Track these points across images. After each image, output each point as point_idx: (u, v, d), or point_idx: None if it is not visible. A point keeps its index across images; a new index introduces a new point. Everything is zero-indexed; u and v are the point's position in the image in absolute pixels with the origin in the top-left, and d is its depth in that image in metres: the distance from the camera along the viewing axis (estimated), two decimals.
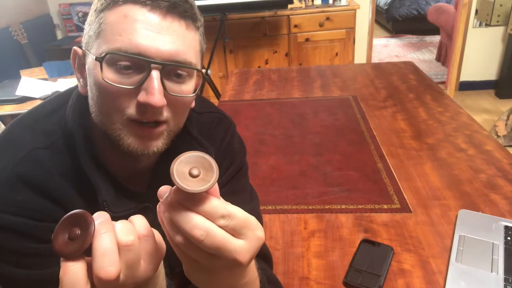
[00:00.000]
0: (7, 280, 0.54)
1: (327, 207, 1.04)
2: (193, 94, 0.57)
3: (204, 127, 0.72)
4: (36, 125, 0.59)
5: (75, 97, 0.61)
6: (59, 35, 3.74)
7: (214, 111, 0.76)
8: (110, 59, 0.52)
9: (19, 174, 0.54)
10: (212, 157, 0.69)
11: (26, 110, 0.63)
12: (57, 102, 0.63)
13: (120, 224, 0.38)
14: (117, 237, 0.37)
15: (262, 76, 2.13)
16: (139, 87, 0.52)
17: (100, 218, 0.37)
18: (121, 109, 0.53)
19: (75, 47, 0.58)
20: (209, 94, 3.23)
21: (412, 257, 0.86)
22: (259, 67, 3.41)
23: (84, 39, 0.57)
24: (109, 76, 0.52)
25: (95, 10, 0.55)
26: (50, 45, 3.45)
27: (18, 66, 2.81)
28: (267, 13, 3.23)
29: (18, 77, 2.51)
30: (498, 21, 3.48)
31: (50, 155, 0.56)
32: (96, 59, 0.52)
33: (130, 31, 0.51)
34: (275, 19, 3.28)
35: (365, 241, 0.90)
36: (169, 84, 0.54)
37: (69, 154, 0.57)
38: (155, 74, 0.51)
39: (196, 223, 0.36)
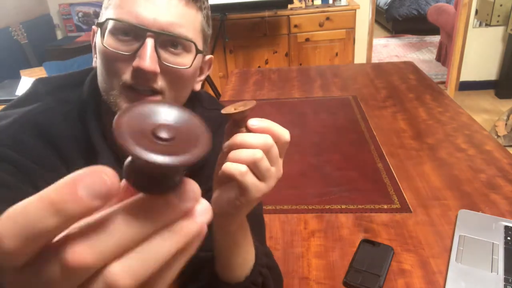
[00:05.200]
0: None
1: (327, 207, 1.04)
2: (188, 67, 0.60)
3: (210, 122, 0.73)
4: (59, 93, 0.64)
5: (93, 74, 0.66)
6: (59, 35, 3.74)
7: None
8: (112, 28, 0.57)
9: (33, 119, 0.58)
10: None
11: (55, 74, 0.70)
12: (80, 77, 0.68)
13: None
14: None
15: (262, 76, 2.13)
16: (134, 54, 0.56)
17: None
18: (118, 74, 0.57)
19: (93, 26, 0.64)
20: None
21: (412, 257, 0.86)
22: (259, 67, 3.41)
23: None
24: (109, 43, 0.57)
25: None
26: (50, 45, 3.44)
27: (18, 66, 2.81)
28: (267, 13, 3.23)
29: (18, 77, 2.51)
30: (498, 21, 3.48)
31: (64, 120, 0.61)
32: (97, 24, 0.58)
33: (132, 3, 0.56)
34: (275, 19, 3.28)
35: (365, 241, 0.90)
36: (164, 55, 0.58)
37: (80, 122, 0.62)
38: (149, 42, 0.55)
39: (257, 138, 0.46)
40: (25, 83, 2.28)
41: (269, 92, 1.89)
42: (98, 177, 0.18)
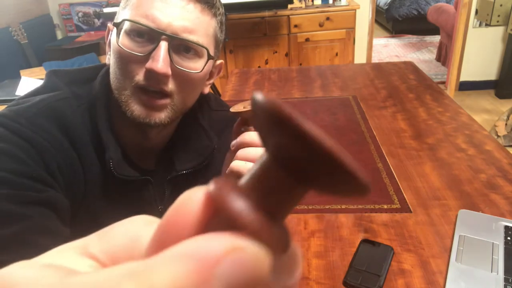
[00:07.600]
0: None
1: (327, 207, 1.04)
2: (199, 71, 0.61)
3: (216, 123, 0.75)
4: (72, 87, 0.66)
5: (104, 71, 0.68)
6: (59, 35, 3.74)
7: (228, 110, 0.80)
8: (128, 29, 0.58)
9: (50, 105, 0.60)
10: (214, 147, 0.73)
11: (67, 68, 0.72)
12: (90, 74, 0.69)
13: None
14: None
15: (262, 76, 2.13)
16: (148, 55, 0.58)
17: None
18: (131, 75, 0.59)
19: (109, 24, 0.65)
20: None
21: (412, 257, 0.86)
22: (259, 67, 3.41)
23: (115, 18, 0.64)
24: (125, 43, 0.59)
25: None
26: (50, 45, 3.44)
27: (18, 66, 2.81)
28: (267, 13, 3.23)
29: (18, 77, 2.51)
30: (498, 21, 3.48)
31: (77, 111, 0.63)
32: (114, 24, 0.60)
33: (149, 6, 0.58)
34: (275, 19, 3.28)
35: (365, 241, 0.90)
36: (176, 58, 0.60)
37: (89, 118, 0.64)
38: (163, 45, 0.57)
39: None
40: (25, 83, 2.28)
41: (269, 92, 1.89)
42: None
